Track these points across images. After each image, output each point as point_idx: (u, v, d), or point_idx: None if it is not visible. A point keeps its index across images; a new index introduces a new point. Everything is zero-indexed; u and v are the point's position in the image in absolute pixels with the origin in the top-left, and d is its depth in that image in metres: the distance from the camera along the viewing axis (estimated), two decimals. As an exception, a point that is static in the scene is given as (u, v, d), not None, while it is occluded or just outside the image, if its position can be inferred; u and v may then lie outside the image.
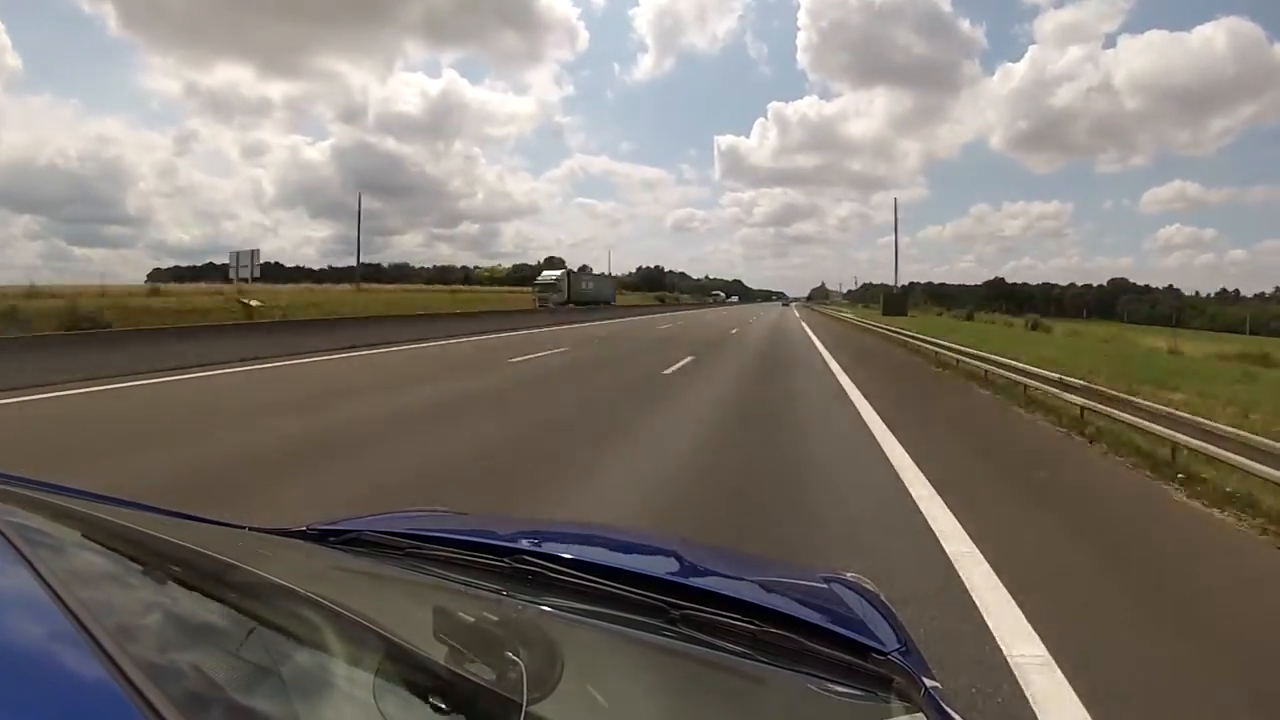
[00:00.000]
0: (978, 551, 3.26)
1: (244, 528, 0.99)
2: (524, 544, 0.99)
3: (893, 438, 5.87)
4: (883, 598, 1.07)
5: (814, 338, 21.80)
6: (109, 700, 0.40)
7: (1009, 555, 3.21)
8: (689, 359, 12.76)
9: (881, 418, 6.87)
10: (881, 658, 0.80)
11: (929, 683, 0.78)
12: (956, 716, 0.75)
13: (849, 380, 10.20)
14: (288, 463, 4.77)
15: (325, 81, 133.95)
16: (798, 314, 52.89)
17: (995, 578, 2.95)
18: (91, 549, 0.73)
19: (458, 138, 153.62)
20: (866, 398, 8.31)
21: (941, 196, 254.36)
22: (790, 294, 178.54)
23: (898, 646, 0.84)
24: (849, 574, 1.17)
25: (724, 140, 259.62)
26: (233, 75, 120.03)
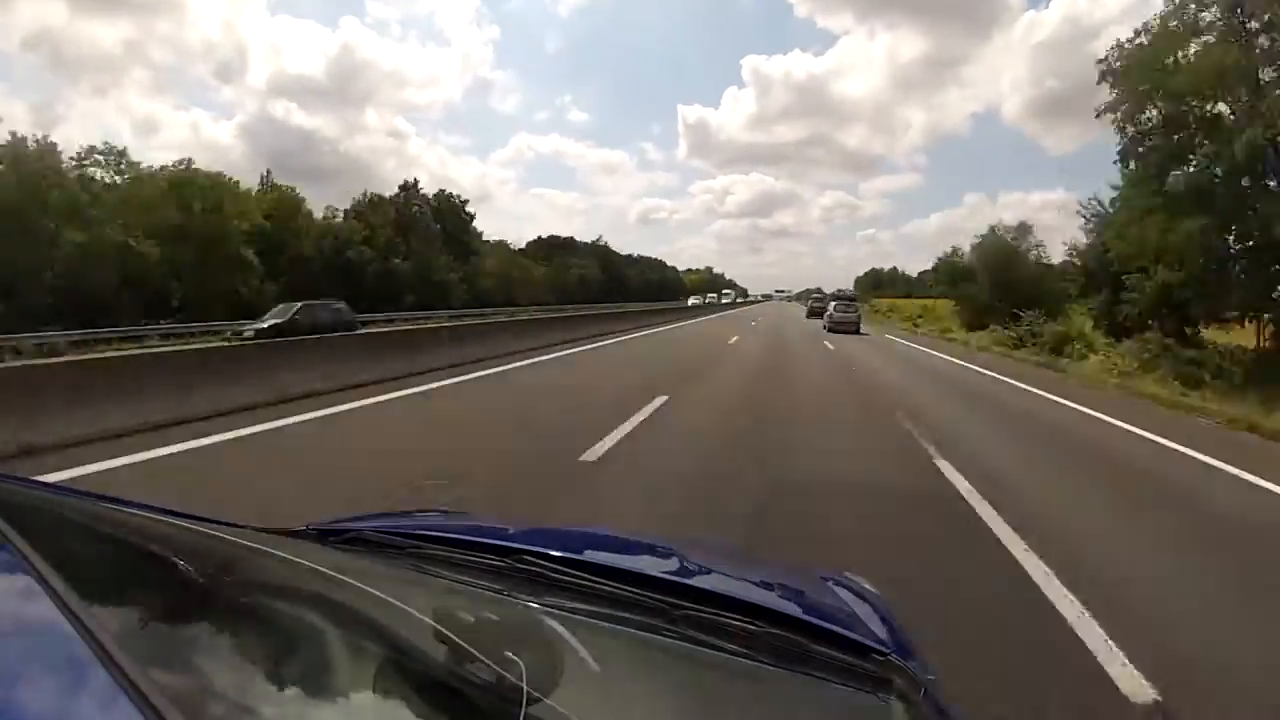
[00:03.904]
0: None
1: (243, 527, 0.99)
2: (524, 544, 0.99)
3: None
4: (883, 598, 1.07)
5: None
6: (109, 700, 0.40)
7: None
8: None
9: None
10: (881, 658, 0.80)
11: (929, 683, 0.78)
12: (956, 716, 0.75)
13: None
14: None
15: (166, 15, 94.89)
16: None
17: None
18: (91, 549, 0.74)
19: (371, 104, 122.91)
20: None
21: (936, 183, 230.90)
22: (755, 292, 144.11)
23: (898, 646, 0.84)
24: (849, 574, 1.17)
25: (690, 111, 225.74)
26: (40, 11, 74.73)
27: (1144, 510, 4.52)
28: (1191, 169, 13.94)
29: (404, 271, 39.60)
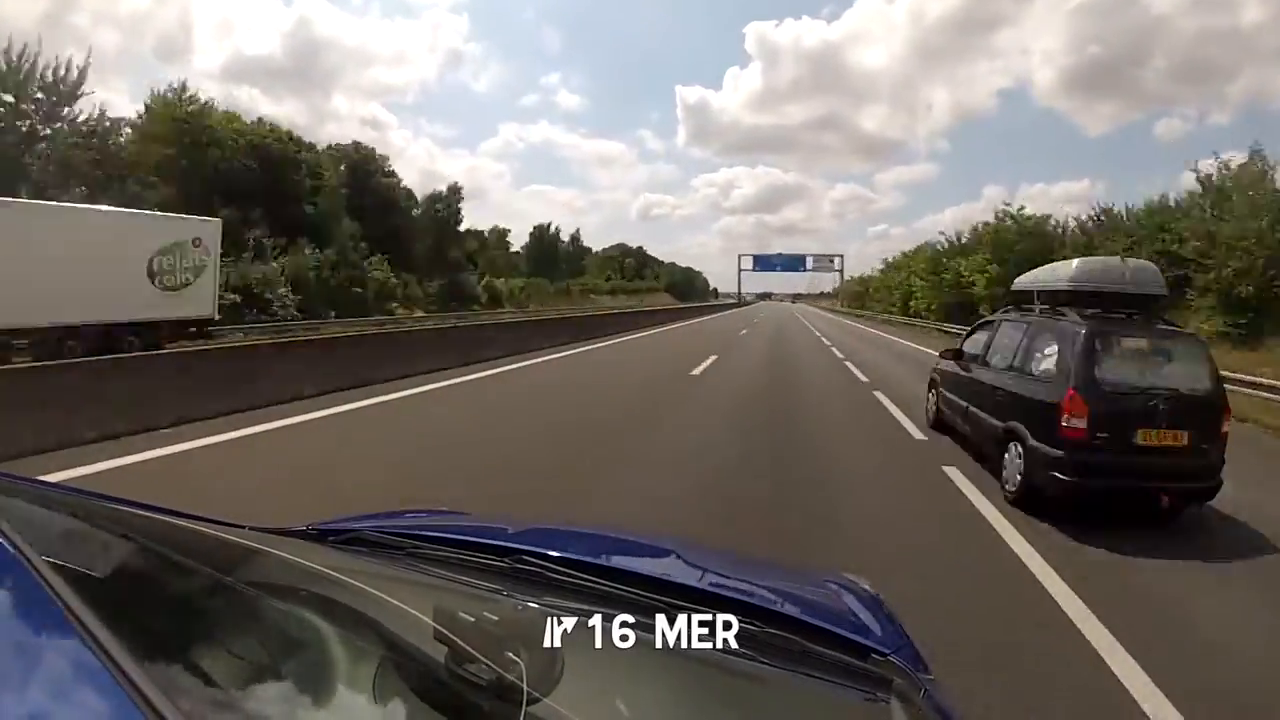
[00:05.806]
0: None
1: (244, 527, 0.99)
2: (524, 544, 0.99)
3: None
4: (882, 598, 1.07)
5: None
6: (109, 698, 0.40)
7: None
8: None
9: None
10: (881, 658, 0.80)
11: (928, 684, 0.78)
12: (956, 716, 0.75)
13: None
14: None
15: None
16: None
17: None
18: (92, 549, 0.73)
19: (339, 87, 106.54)
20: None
21: (955, 173, 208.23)
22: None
23: (898, 647, 0.84)
24: (849, 575, 1.17)
25: (690, 93, 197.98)
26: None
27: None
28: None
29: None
